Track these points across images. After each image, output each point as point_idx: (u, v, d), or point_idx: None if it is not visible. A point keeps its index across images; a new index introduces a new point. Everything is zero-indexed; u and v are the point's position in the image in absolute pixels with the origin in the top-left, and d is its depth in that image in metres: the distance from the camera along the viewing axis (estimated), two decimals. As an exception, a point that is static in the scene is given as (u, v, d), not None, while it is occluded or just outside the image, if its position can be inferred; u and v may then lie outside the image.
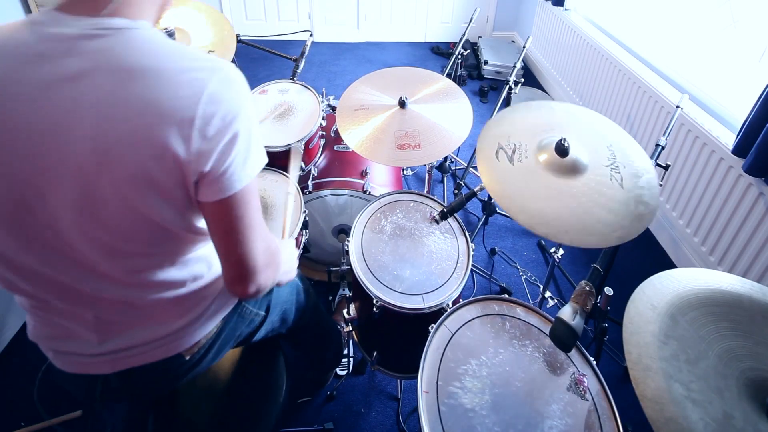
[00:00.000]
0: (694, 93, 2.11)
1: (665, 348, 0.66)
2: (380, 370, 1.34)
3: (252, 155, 0.63)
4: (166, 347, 0.78)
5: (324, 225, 1.80)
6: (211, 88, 0.57)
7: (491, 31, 4.56)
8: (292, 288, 1.13)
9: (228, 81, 0.60)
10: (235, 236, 0.65)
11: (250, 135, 0.62)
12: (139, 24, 0.60)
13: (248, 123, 0.62)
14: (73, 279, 0.66)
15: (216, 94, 0.57)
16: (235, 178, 0.61)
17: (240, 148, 0.61)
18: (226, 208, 0.63)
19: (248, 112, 0.62)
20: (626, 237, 0.92)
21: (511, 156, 1.12)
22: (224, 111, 0.58)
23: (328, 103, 1.93)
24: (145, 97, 0.55)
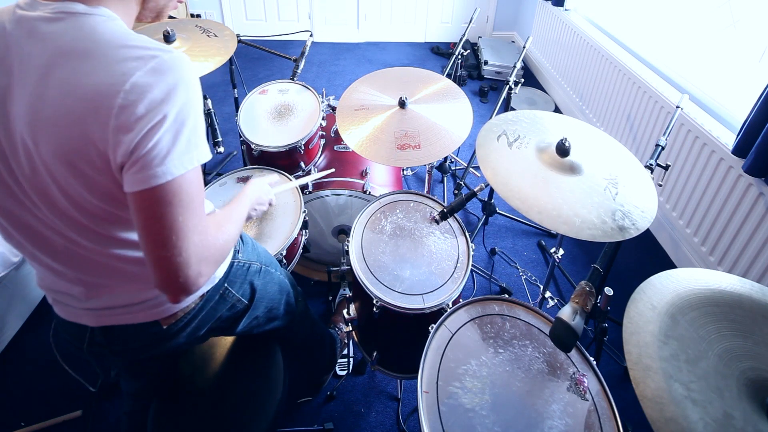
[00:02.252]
0: (694, 93, 2.11)
1: (665, 348, 0.66)
2: (380, 370, 1.34)
3: (178, 148, 0.59)
4: (144, 312, 0.82)
5: (324, 225, 1.80)
6: (137, 76, 0.56)
7: (491, 31, 4.56)
8: (282, 288, 1.13)
9: (159, 70, 0.57)
10: (155, 235, 0.60)
11: (178, 127, 0.58)
12: (97, 11, 0.61)
13: (177, 115, 0.58)
14: (52, 235, 0.71)
15: (140, 83, 0.56)
16: (155, 172, 0.57)
17: (163, 138, 0.57)
18: (144, 201, 0.59)
19: (178, 103, 0.58)
20: (598, 237, 0.97)
21: (512, 142, 1.16)
22: (148, 101, 0.56)
23: (328, 103, 1.93)
24: (74, 80, 0.56)
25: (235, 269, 0.97)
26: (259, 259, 1.06)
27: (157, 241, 0.60)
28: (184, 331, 0.89)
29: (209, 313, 0.92)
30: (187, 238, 0.61)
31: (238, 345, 1.16)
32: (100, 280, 0.77)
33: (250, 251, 1.04)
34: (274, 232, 1.44)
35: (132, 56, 0.57)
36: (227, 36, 1.81)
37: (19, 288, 1.72)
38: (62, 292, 0.80)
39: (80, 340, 0.84)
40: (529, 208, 1.01)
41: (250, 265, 1.02)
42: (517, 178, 1.09)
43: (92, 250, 0.72)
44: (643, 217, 1.01)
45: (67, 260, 0.74)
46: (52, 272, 0.78)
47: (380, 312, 1.18)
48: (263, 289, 1.05)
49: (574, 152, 1.12)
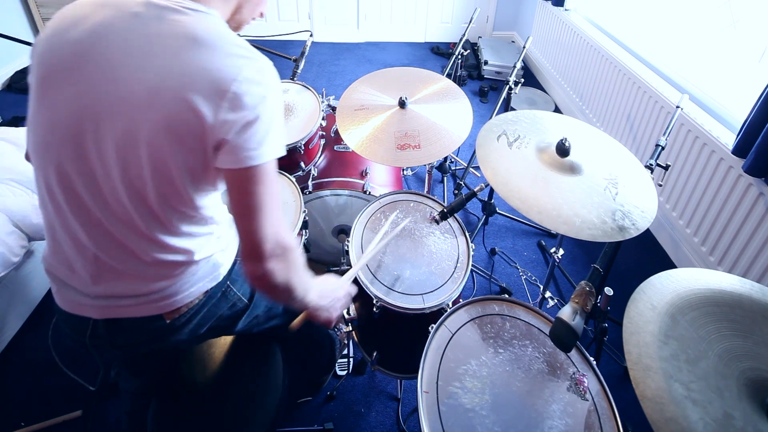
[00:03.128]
0: (694, 93, 2.11)
1: (665, 348, 0.66)
2: (380, 370, 1.34)
3: (270, 139, 0.72)
4: (149, 305, 0.83)
5: (324, 225, 1.80)
6: (248, 72, 0.69)
7: (491, 31, 4.56)
8: None
9: (263, 71, 0.71)
10: (246, 210, 0.73)
11: (271, 121, 0.72)
12: (211, 11, 0.75)
13: (271, 111, 0.72)
14: (99, 208, 0.75)
15: (251, 78, 0.69)
16: (251, 154, 0.70)
17: (260, 129, 0.70)
18: (240, 179, 0.72)
19: (273, 102, 0.72)
20: (598, 237, 0.97)
21: (512, 142, 1.16)
22: (255, 94, 0.69)
23: (328, 103, 1.93)
24: (197, 62, 0.68)
25: (237, 268, 0.99)
26: None
27: (245, 214, 0.73)
28: (186, 327, 0.90)
29: (211, 311, 0.93)
30: (268, 217, 0.73)
31: (238, 345, 1.16)
32: (115, 263, 0.79)
33: None
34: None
35: (241, 54, 0.70)
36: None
37: (19, 288, 1.72)
38: (70, 272, 0.81)
39: (82, 333, 0.85)
40: (529, 208, 1.01)
41: None
42: (517, 178, 1.09)
43: (125, 236, 0.77)
44: (643, 217, 1.01)
45: (96, 235, 0.77)
46: (73, 244, 0.78)
47: (380, 312, 1.18)
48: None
49: (574, 152, 1.12)
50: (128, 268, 0.80)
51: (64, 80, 0.71)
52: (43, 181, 0.77)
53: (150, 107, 0.68)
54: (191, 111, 0.67)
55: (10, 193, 1.64)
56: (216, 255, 0.90)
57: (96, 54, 0.70)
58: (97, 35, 0.70)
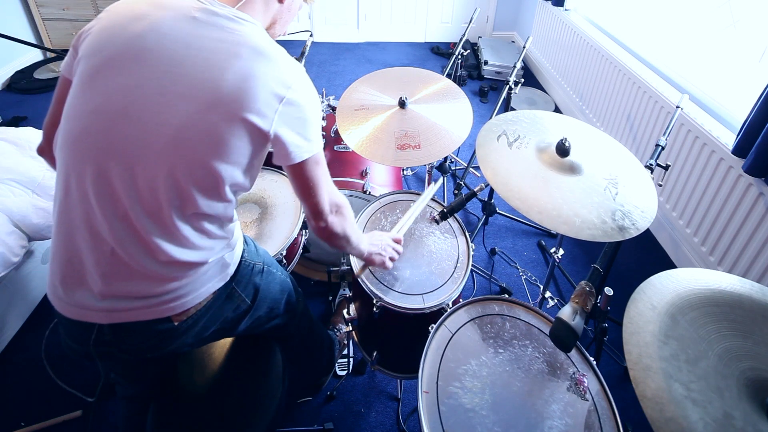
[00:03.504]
0: (694, 93, 2.11)
1: (665, 348, 0.66)
2: (380, 370, 1.34)
3: (316, 132, 0.85)
4: (159, 308, 0.83)
5: (324, 225, 1.80)
6: (295, 79, 0.79)
7: (491, 31, 4.56)
8: (283, 287, 1.14)
9: (304, 79, 0.82)
10: (307, 188, 0.87)
11: (317, 117, 0.84)
12: (256, 22, 0.82)
13: (316, 108, 0.84)
14: (130, 200, 0.75)
15: (298, 86, 0.79)
16: (303, 150, 0.82)
17: (310, 126, 0.82)
18: (300, 170, 0.85)
19: (315, 100, 0.84)
20: (598, 237, 0.97)
21: (512, 142, 1.16)
22: (304, 97, 0.80)
23: (328, 103, 1.93)
24: (253, 67, 0.75)
25: (242, 269, 0.99)
26: (262, 259, 1.07)
27: (307, 191, 0.88)
28: (193, 329, 0.90)
29: (216, 313, 0.93)
30: (324, 188, 0.89)
31: (238, 345, 1.16)
32: (131, 261, 0.78)
33: (253, 252, 1.05)
34: (274, 232, 1.44)
35: (288, 62, 0.80)
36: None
37: (19, 288, 1.72)
38: (80, 272, 0.79)
39: (86, 341, 0.83)
40: (529, 208, 1.02)
41: (254, 265, 1.03)
42: (517, 178, 1.09)
43: (148, 231, 0.77)
44: (643, 217, 1.01)
45: (119, 229, 0.77)
46: (90, 237, 0.77)
47: (380, 312, 1.18)
48: (266, 289, 1.06)
49: (574, 152, 1.12)
50: (143, 267, 0.79)
51: (121, 71, 0.74)
52: (73, 168, 0.76)
53: (209, 110, 0.73)
54: (243, 107, 0.73)
55: (10, 193, 1.64)
56: (226, 254, 0.91)
57: (158, 50, 0.74)
58: (160, 33, 0.74)
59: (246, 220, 1.46)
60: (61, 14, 3.71)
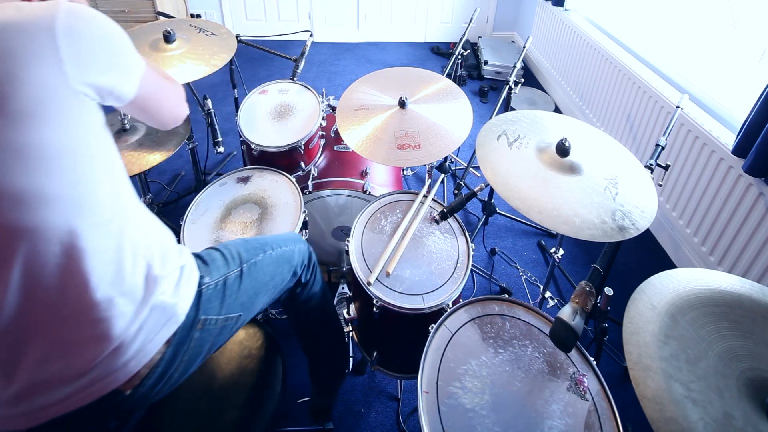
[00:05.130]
0: (694, 93, 2.11)
1: (665, 348, 0.66)
2: (380, 370, 1.34)
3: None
4: (93, 387, 0.67)
5: (324, 225, 1.80)
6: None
7: (491, 31, 4.56)
8: (281, 258, 1.04)
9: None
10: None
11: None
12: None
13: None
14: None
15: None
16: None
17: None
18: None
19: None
20: (598, 237, 0.97)
21: (512, 142, 1.16)
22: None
23: (328, 103, 1.93)
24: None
25: (206, 296, 0.86)
26: (238, 262, 0.97)
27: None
28: (160, 383, 0.75)
29: (196, 351, 0.81)
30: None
31: (237, 344, 1.15)
32: (45, 330, 0.63)
33: (220, 266, 0.94)
34: (274, 232, 1.44)
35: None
36: (225, 34, 1.81)
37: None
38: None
39: None
40: (529, 208, 1.01)
41: (225, 278, 0.92)
42: (517, 178, 1.09)
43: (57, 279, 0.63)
44: (643, 217, 1.01)
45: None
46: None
47: (380, 312, 1.18)
48: (255, 283, 0.97)
49: (574, 152, 1.12)
50: (62, 336, 0.64)
51: None
52: None
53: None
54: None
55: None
56: (160, 297, 0.75)
57: None
58: None
59: (246, 220, 1.46)
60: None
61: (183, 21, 1.86)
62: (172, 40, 1.65)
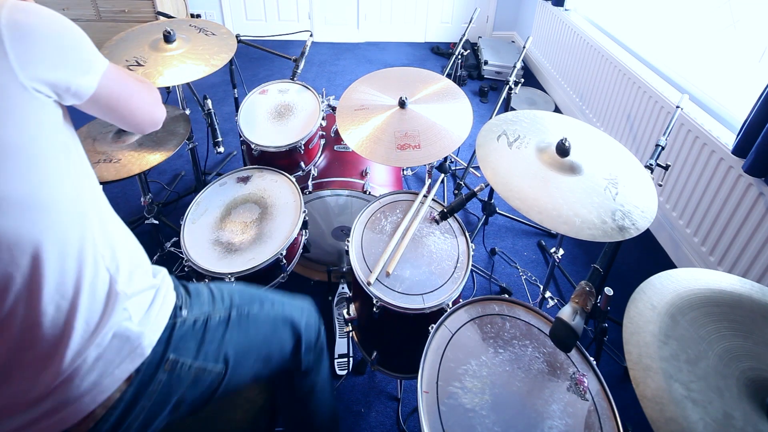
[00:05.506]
0: (694, 93, 2.11)
1: (665, 348, 0.66)
2: (380, 370, 1.34)
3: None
4: (40, 425, 0.59)
5: (324, 225, 1.80)
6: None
7: (491, 31, 4.56)
8: (279, 320, 0.88)
9: None
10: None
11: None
12: None
13: None
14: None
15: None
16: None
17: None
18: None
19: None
20: (598, 237, 0.96)
21: (512, 142, 1.16)
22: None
23: (328, 103, 1.93)
24: None
25: (180, 332, 0.74)
26: (228, 304, 0.84)
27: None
28: (120, 431, 0.65)
29: (160, 399, 0.69)
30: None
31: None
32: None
33: (205, 301, 0.82)
34: (274, 232, 1.44)
35: None
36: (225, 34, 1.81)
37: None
38: None
39: None
40: (529, 208, 1.01)
41: (208, 318, 0.79)
42: (517, 178, 1.09)
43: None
44: (643, 217, 1.01)
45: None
46: None
47: (380, 312, 1.18)
48: (245, 339, 0.82)
49: (574, 152, 1.12)
50: (8, 356, 0.57)
51: None
52: None
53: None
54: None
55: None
56: (124, 324, 0.66)
57: None
58: None
59: (246, 220, 1.46)
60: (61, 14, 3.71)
61: (183, 21, 1.86)
62: (172, 40, 1.65)
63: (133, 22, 3.71)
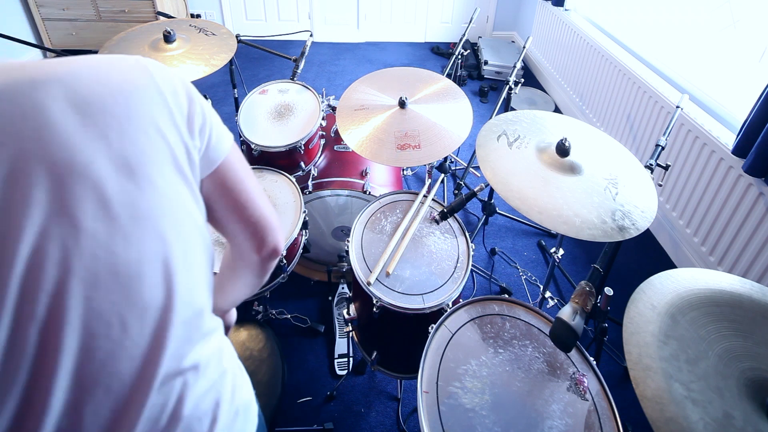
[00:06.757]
0: (694, 93, 2.11)
1: (665, 348, 0.66)
2: (380, 370, 1.34)
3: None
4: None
5: (324, 225, 1.80)
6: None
7: (491, 31, 4.56)
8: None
9: None
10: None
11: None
12: None
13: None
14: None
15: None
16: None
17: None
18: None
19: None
20: (598, 237, 0.97)
21: (512, 142, 1.16)
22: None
23: (328, 103, 1.93)
24: None
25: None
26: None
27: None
28: None
29: None
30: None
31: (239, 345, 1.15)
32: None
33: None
34: (274, 232, 1.44)
35: None
36: (225, 34, 1.81)
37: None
38: None
39: None
40: (529, 208, 1.02)
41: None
42: (517, 178, 1.09)
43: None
44: (643, 217, 1.01)
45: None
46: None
47: (380, 312, 1.18)
48: None
49: (574, 152, 1.12)
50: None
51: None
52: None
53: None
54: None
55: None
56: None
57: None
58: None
59: (246, 220, 1.46)
60: (61, 14, 3.71)
61: (183, 21, 1.86)
62: (172, 40, 1.65)
63: (133, 22, 3.71)
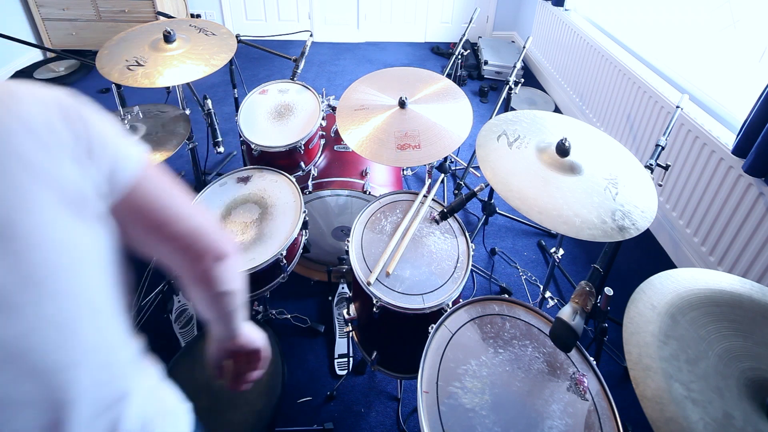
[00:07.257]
0: (694, 93, 2.11)
1: (665, 348, 0.66)
2: (380, 370, 1.34)
3: None
4: None
5: (324, 225, 1.80)
6: None
7: (491, 31, 4.56)
8: None
9: None
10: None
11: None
12: None
13: None
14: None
15: None
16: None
17: None
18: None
19: None
20: (598, 237, 0.97)
21: (512, 142, 1.16)
22: None
23: (328, 103, 1.93)
24: None
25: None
26: None
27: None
28: None
29: None
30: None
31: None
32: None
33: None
34: (274, 232, 1.44)
35: None
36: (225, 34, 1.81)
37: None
38: None
39: None
40: (529, 208, 1.02)
41: None
42: (517, 178, 1.09)
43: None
44: (643, 217, 1.01)
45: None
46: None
47: (380, 312, 1.18)
48: None
49: (574, 152, 1.12)
50: None
51: None
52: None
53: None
54: None
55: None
56: None
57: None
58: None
59: (246, 220, 1.46)
60: (61, 14, 3.71)
61: (183, 21, 1.86)
62: (172, 40, 1.65)
63: (133, 22, 3.71)
